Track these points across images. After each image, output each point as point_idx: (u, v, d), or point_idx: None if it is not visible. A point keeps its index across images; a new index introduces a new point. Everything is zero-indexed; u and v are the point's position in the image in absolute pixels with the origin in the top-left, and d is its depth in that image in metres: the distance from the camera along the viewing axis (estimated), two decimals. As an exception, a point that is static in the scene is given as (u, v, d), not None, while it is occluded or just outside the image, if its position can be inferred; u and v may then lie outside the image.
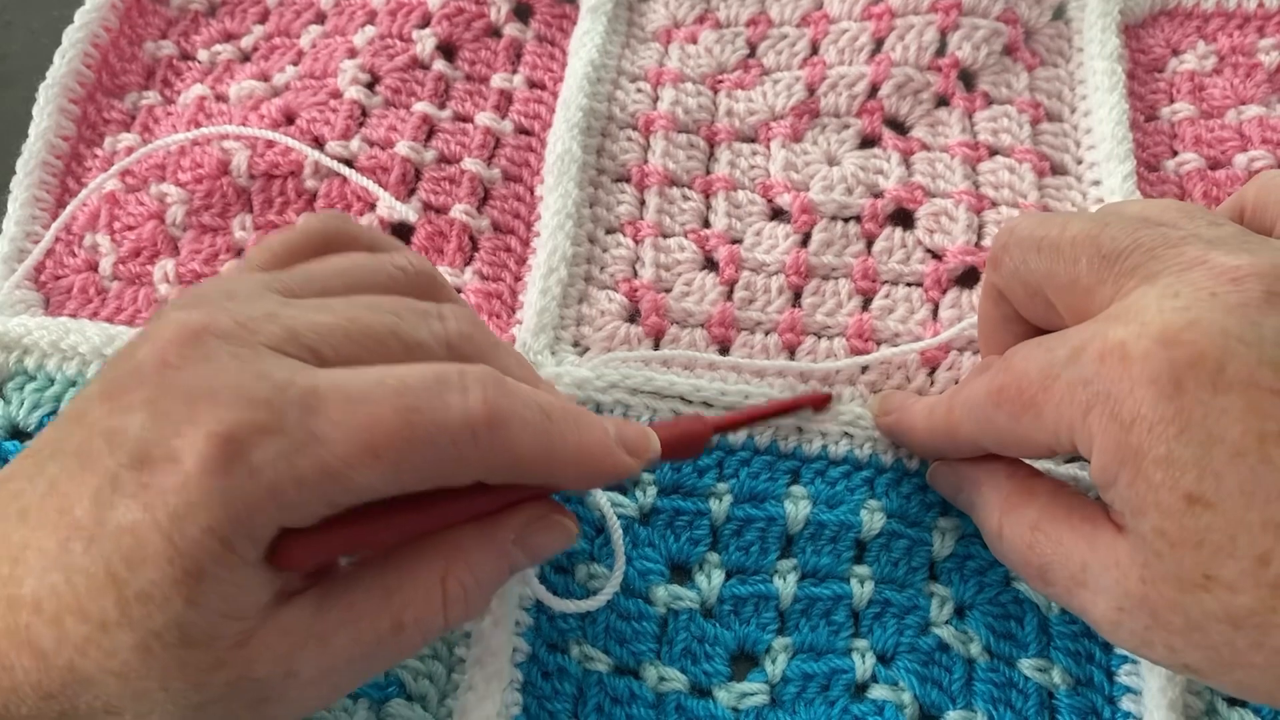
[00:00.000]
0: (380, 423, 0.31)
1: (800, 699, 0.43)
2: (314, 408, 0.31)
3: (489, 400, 0.33)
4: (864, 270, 0.51)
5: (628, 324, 0.51)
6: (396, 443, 0.31)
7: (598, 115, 0.55)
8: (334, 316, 0.34)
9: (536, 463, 0.34)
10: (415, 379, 0.32)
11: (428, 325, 0.36)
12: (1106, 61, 0.56)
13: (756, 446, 0.48)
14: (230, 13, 0.60)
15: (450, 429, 0.32)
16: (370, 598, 0.34)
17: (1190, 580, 0.31)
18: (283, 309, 0.34)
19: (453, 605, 0.35)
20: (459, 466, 0.33)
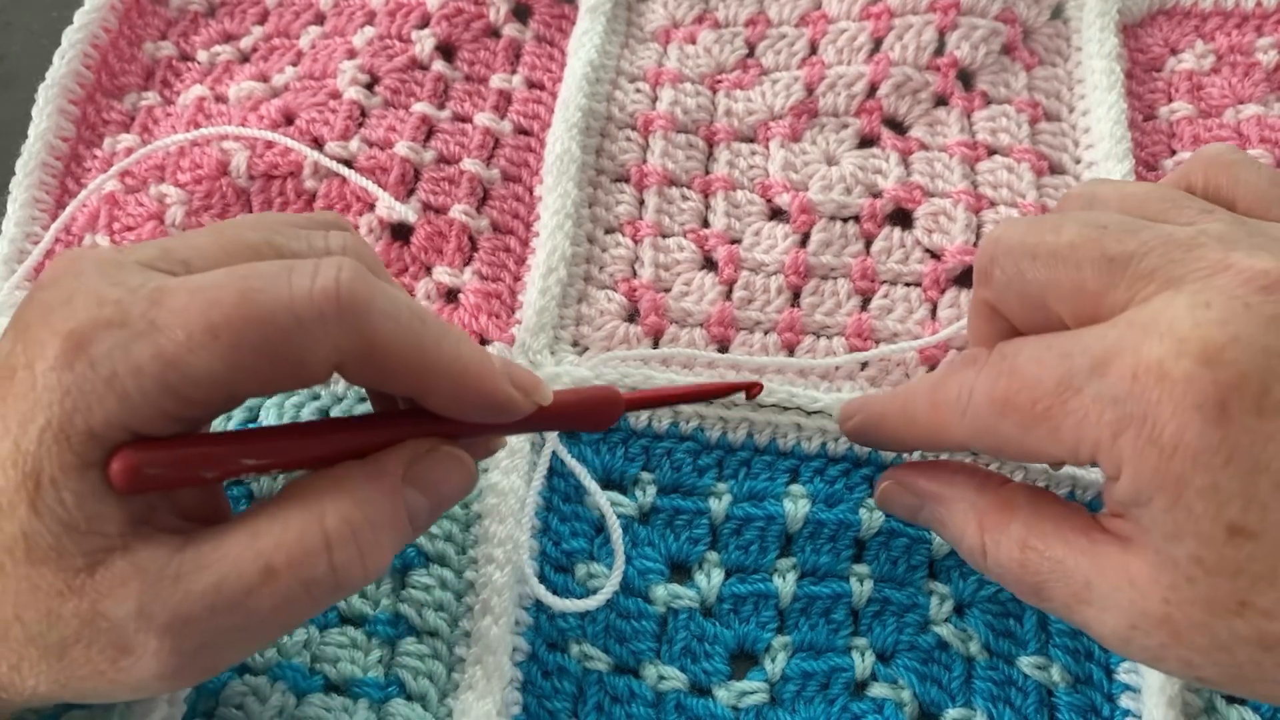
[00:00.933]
0: (219, 303, 0.30)
1: (800, 697, 0.43)
2: (158, 301, 0.30)
3: (341, 281, 0.31)
4: (863, 270, 0.51)
5: (627, 323, 0.51)
6: (234, 320, 0.30)
7: (597, 115, 0.55)
8: (210, 234, 0.34)
9: (402, 359, 0.32)
10: (267, 267, 0.31)
11: (308, 239, 0.35)
12: (1105, 61, 0.56)
13: (756, 446, 0.48)
14: (229, 14, 0.61)
15: (294, 306, 0.30)
16: (236, 539, 0.31)
17: (1224, 606, 0.30)
18: (170, 240, 0.34)
19: (338, 548, 0.32)
20: (308, 350, 0.31)
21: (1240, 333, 0.30)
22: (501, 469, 0.46)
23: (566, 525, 0.47)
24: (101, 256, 0.32)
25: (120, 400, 0.29)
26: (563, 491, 0.47)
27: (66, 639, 0.30)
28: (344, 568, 0.32)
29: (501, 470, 0.46)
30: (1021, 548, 0.36)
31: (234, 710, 0.41)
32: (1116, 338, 0.32)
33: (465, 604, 0.45)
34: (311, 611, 0.33)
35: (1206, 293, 0.31)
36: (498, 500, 0.46)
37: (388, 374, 0.33)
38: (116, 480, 0.30)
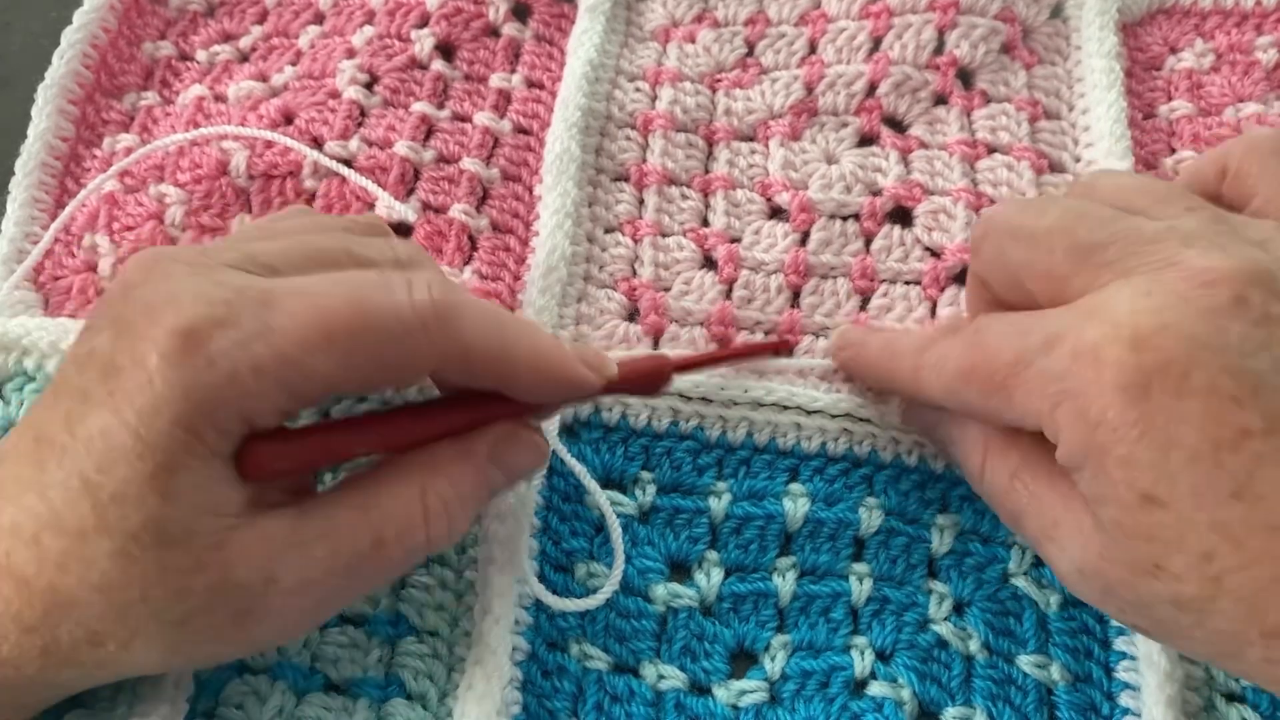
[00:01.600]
0: (331, 311, 0.33)
1: (799, 696, 0.43)
2: (269, 303, 0.32)
3: (436, 293, 0.34)
4: (863, 269, 0.51)
5: (627, 323, 0.51)
6: (348, 328, 0.33)
7: (596, 115, 0.55)
8: (289, 241, 0.37)
9: (490, 359, 0.36)
10: (363, 277, 0.35)
11: (377, 246, 0.38)
12: (1104, 59, 0.56)
13: (756, 445, 0.48)
14: (229, 13, 0.61)
15: (400, 316, 0.34)
16: (350, 512, 0.35)
17: (1141, 567, 0.33)
18: (243, 244, 0.37)
19: (434, 521, 0.36)
20: (412, 357, 0.35)
21: (1171, 321, 0.32)
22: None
23: (566, 525, 0.47)
24: (189, 258, 0.34)
25: (241, 396, 0.32)
26: (562, 491, 0.47)
27: (192, 610, 0.32)
28: (437, 537, 0.37)
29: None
30: (1012, 475, 0.39)
31: (234, 710, 0.41)
32: (1067, 320, 0.35)
33: (465, 604, 0.45)
34: (405, 571, 0.40)
35: (1151, 284, 0.34)
36: (498, 500, 0.46)
37: (476, 374, 0.37)
38: (248, 473, 0.33)
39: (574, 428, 0.49)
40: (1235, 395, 0.31)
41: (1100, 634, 0.44)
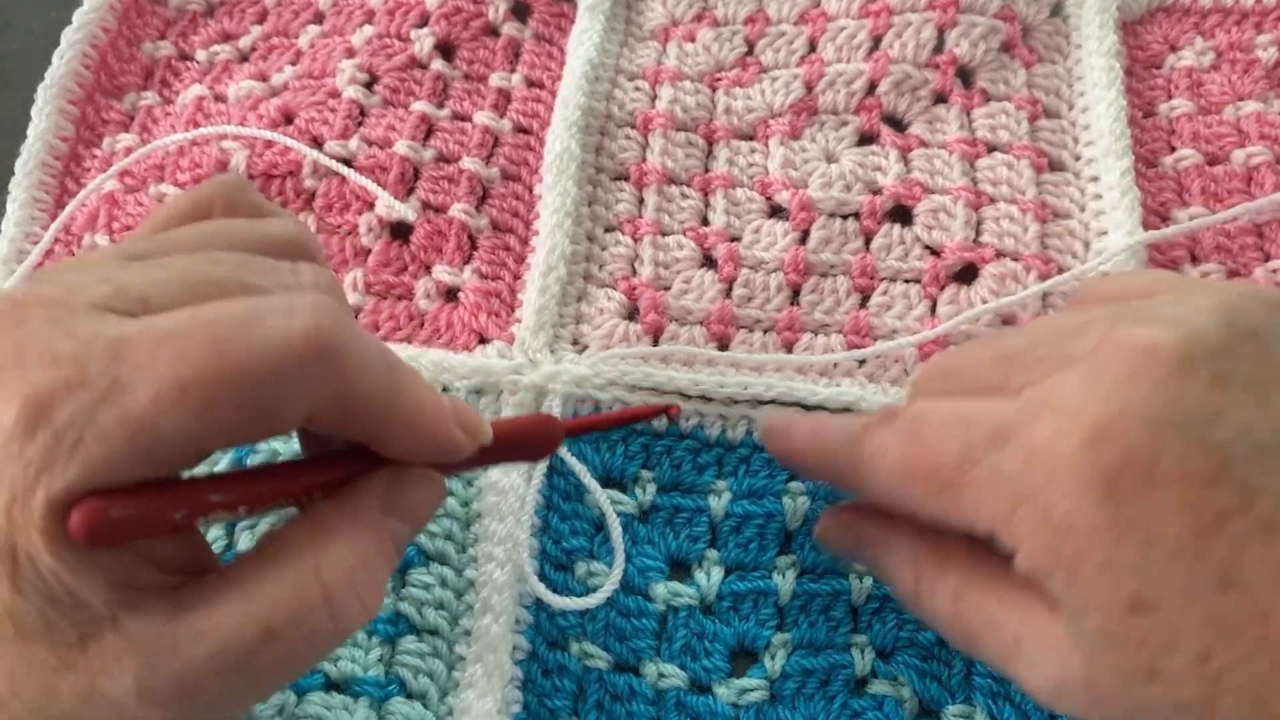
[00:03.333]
0: (187, 355, 0.27)
1: (800, 695, 0.43)
2: (119, 355, 0.27)
3: (321, 325, 0.29)
4: (862, 267, 0.51)
5: (627, 322, 0.51)
6: (206, 375, 0.27)
7: (596, 114, 0.55)
8: (170, 269, 0.31)
9: (372, 410, 0.31)
10: (233, 307, 0.29)
11: (275, 276, 0.32)
12: (1104, 58, 0.56)
13: (755, 443, 0.48)
14: (228, 13, 0.61)
15: (271, 355, 0.28)
16: (231, 602, 0.29)
17: (1135, 675, 0.31)
18: (119, 271, 0.30)
19: (339, 598, 0.30)
20: (284, 404, 0.29)
21: (1126, 405, 0.30)
22: (502, 468, 0.46)
23: (566, 523, 0.47)
24: (49, 297, 0.29)
25: (84, 465, 0.27)
26: (563, 490, 0.47)
27: (67, 714, 0.28)
28: (345, 616, 0.31)
29: (502, 469, 0.46)
30: (955, 599, 0.36)
31: (234, 709, 0.41)
32: (1014, 410, 0.33)
33: (465, 602, 0.45)
34: (315, 661, 0.33)
35: (1095, 367, 0.32)
36: (498, 498, 0.46)
37: (353, 423, 0.31)
38: (78, 532, 0.27)
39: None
40: (1208, 475, 0.30)
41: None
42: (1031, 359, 0.34)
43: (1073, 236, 0.52)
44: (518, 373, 0.48)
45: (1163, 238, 0.51)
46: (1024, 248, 0.51)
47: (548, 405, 0.48)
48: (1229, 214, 0.51)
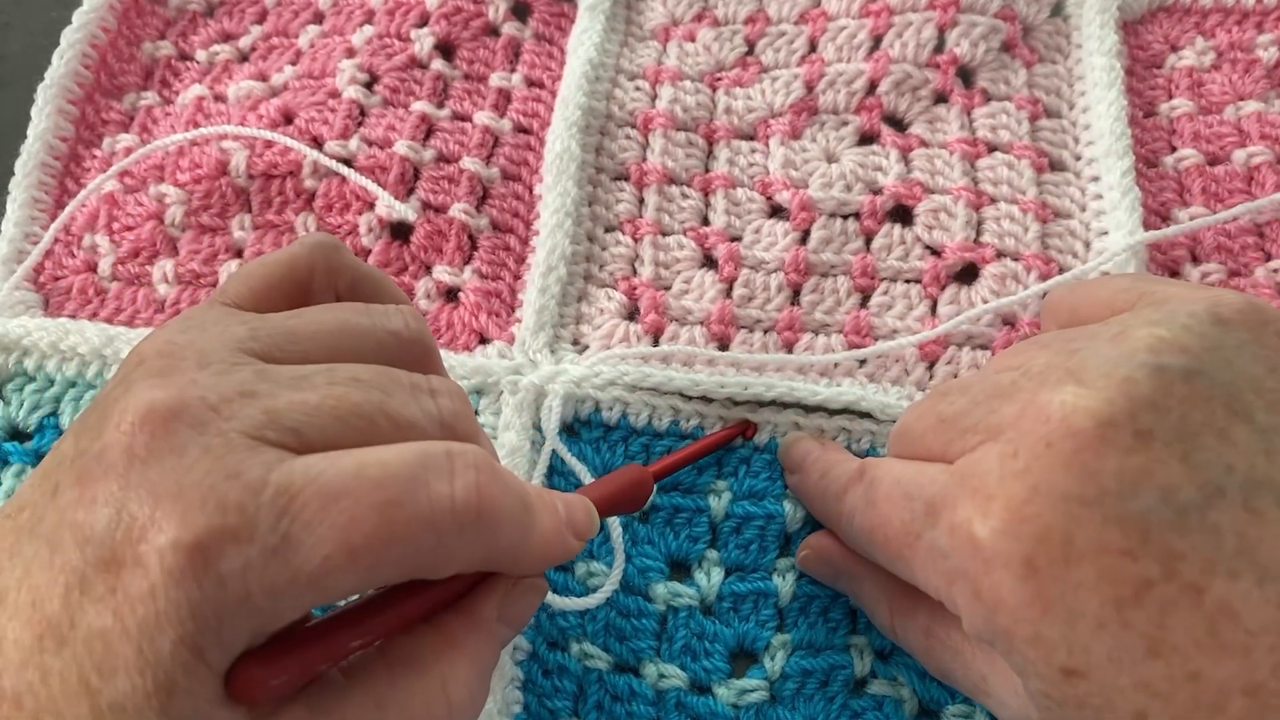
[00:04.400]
0: (358, 521, 0.28)
1: (800, 695, 0.43)
2: (288, 510, 0.28)
3: (481, 488, 0.30)
4: (863, 267, 0.51)
5: (627, 322, 0.51)
6: (376, 543, 0.28)
7: (596, 114, 0.55)
8: (317, 395, 0.31)
9: (510, 553, 0.33)
10: (399, 465, 0.30)
11: (419, 403, 0.33)
12: (1105, 58, 0.56)
13: (755, 445, 0.48)
14: (228, 13, 0.61)
15: (436, 523, 0.30)
16: (362, 711, 0.31)
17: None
18: (260, 384, 0.31)
19: (461, 708, 0.33)
20: (439, 560, 0.31)
21: (1040, 482, 0.31)
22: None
23: (566, 524, 0.47)
24: (198, 419, 0.29)
25: (253, 617, 0.28)
26: (563, 490, 0.47)
27: None
28: None
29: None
30: (926, 635, 0.39)
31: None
32: (943, 486, 0.34)
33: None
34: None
35: (1015, 440, 0.33)
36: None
37: (494, 565, 0.33)
38: (241, 699, 0.29)
39: (574, 427, 0.49)
40: (1125, 548, 0.30)
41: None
42: (966, 425, 0.35)
43: (1073, 236, 0.52)
44: (518, 373, 0.48)
45: (1163, 237, 0.51)
46: (1024, 248, 0.51)
47: (548, 405, 0.48)
48: (1230, 214, 0.51)
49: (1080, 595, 0.31)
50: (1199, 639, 0.30)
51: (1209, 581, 0.30)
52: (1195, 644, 0.30)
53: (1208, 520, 0.30)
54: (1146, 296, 0.37)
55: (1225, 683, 0.30)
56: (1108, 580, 0.30)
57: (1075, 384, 0.32)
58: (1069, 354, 0.34)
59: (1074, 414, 0.31)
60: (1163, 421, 0.31)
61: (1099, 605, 0.30)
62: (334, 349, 0.34)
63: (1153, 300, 0.36)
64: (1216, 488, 0.31)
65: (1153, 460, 0.31)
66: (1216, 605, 0.30)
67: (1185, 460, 0.31)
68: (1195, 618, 0.30)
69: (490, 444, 0.37)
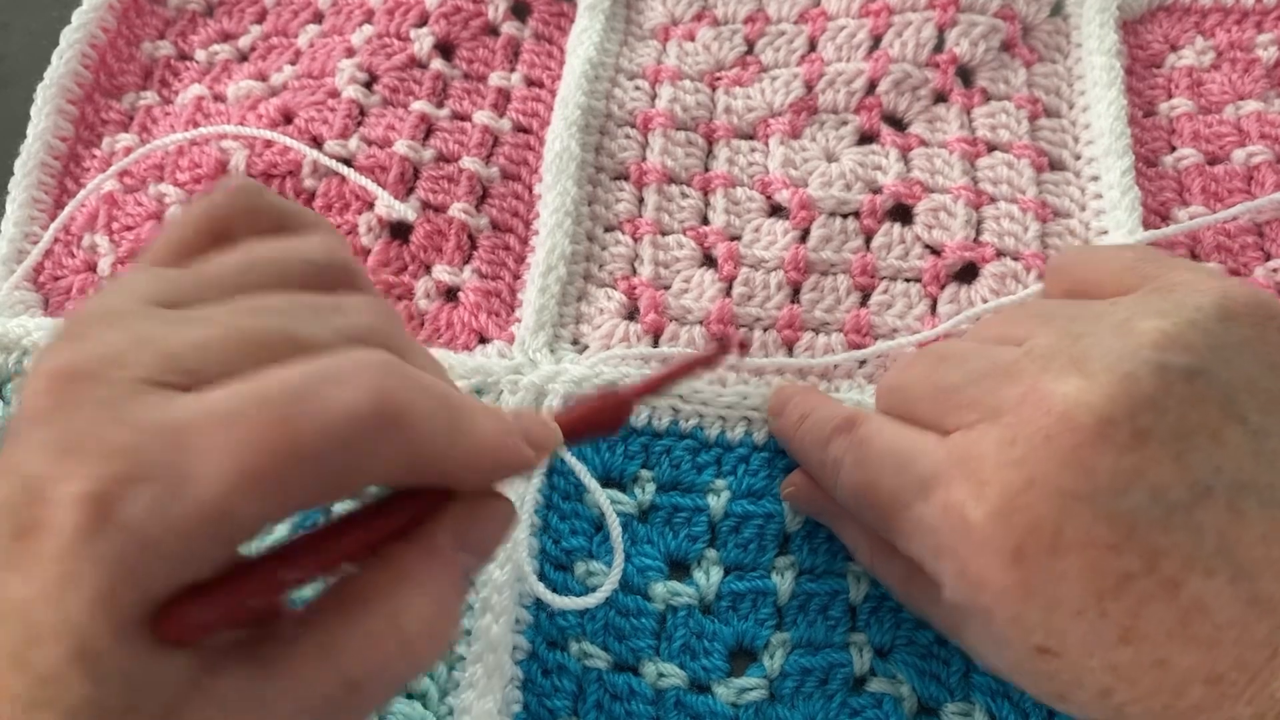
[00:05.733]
0: (253, 442, 0.27)
1: (799, 693, 0.43)
2: (181, 444, 0.27)
3: (380, 389, 0.28)
4: (863, 266, 0.51)
5: (627, 321, 0.51)
6: (277, 462, 0.27)
7: (596, 113, 0.55)
8: (217, 330, 0.29)
9: (438, 459, 0.30)
10: (292, 379, 0.28)
11: (326, 321, 0.31)
12: (1105, 57, 0.56)
13: (754, 443, 0.48)
14: (228, 13, 0.61)
15: (336, 430, 0.27)
16: (313, 658, 0.29)
17: (1049, 696, 0.35)
18: (160, 328, 0.29)
19: (420, 645, 0.31)
20: (352, 474, 0.29)
21: (1037, 475, 0.32)
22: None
23: (566, 523, 0.47)
24: (90, 372, 0.28)
25: (167, 563, 0.27)
26: (562, 490, 0.47)
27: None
28: (423, 659, 0.31)
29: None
30: (904, 580, 0.40)
31: (234, 709, 0.41)
32: (938, 463, 0.35)
33: (465, 602, 0.45)
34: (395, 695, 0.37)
35: (1014, 427, 0.33)
36: (497, 498, 0.46)
37: (421, 475, 0.31)
38: (170, 636, 0.27)
39: (574, 426, 0.49)
40: (1112, 543, 0.31)
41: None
42: (963, 400, 0.36)
43: (1073, 236, 0.52)
44: (518, 372, 0.48)
45: (1163, 237, 0.51)
46: (1024, 247, 0.51)
47: (548, 404, 0.48)
48: (1229, 213, 0.51)
49: (1063, 584, 0.32)
50: (1170, 630, 0.31)
51: (1186, 577, 0.31)
52: (1166, 634, 0.31)
53: (1193, 519, 0.31)
54: (1153, 280, 0.37)
55: (1189, 671, 0.31)
56: (1091, 572, 0.31)
57: (1079, 376, 0.33)
58: (1073, 338, 0.35)
59: (1076, 409, 0.32)
60: (1161, 421, 0.32)
61: (1080, 594, 0.32)
62: (243, 285, 0.32)
63: (1160, 286, 0.37)
64: (1205, 487, 0.31)
65: (1147, 459, 0.31)
66: (1191, 600, 0.31)
67: (1178, 460, 0.31)
68: (1169, 610, 0.31)
69: (434, 363, 0.35)
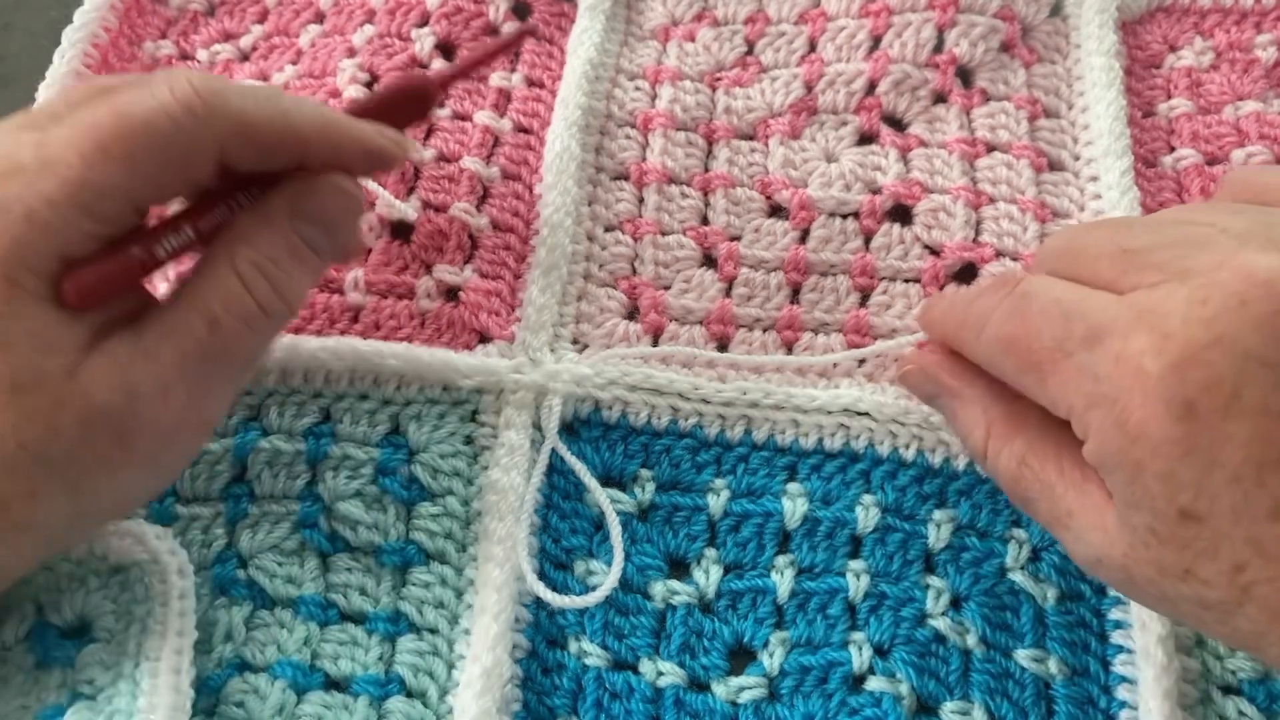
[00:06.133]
0: (99, 124, 0.34)
1: (798, 692, 0.43)
2: (43, 142, 0.34)
3: (195, 81, 0.35)
4: (862, 266, 0.51)
5: (627, 321, 0.51)
6: (119, 134, 0.34)
7: (596, 113, 0.56)
8: (70, 94, 0.37)
9: (274, 129, 0.37)
10: (125, 89, 0.36)
11: (157, 74, 0.38)
12: (1104, 58, 0.56)
13: (754, 442, 0.48)
14: (229, 12, 0.61)
15: (166, 110, 0.35)
16: (178, 306, 0.37)
17: (1170, 571, 0.33)
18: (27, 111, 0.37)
19: (253, 284, 0.37)
20: (192, 144, 0.36)
21: (1225, 333, 0.31)
22: (501, 466, 0.46)
23: (566, 522, 0.47)
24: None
25: (44, 232, 0.33)
26: (562, 489, 0.47)
27: (71, 445, 0.34)
28: (265, 300, 0.38)
29: (501, 468, 0.46)
30: (1019, 463, 0.38)
31: (235, 708, 0.42)
32: (1114, 315, 0.34)
33: (465, 601, 0.45)
34: (260, 344, 0.41)
35: (1208, 288, 0.32)
36: (497, 498, 0.46)
37: (265, 147, 0.38)
38: (73, 302, 0.34)
39: (574, 426, 0.49)
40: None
41: (1097, 628, 0.44)
42: (1152, 261, 0.35)
43: (1072, 236, 0.52)
44: (518, 372, 0.49)
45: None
46: (1023, 247, 0.51)
47: (548, 404, 0.48)
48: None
49: (1227, 447, 0.31)
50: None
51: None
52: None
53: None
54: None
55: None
56: (1259, 440, 0.31)
57: (1278, 254, 0.32)
58: (1268, 226, 0.34)
59: (1274, 279, 0.32)
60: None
61: (1241, 460, 0.31)
62: None
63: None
64: None
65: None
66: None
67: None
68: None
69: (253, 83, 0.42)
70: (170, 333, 0.36)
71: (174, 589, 0.41)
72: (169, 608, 0.41)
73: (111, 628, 0.41)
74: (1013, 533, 0.46)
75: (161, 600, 0.41)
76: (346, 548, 0.45)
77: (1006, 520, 0.46)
